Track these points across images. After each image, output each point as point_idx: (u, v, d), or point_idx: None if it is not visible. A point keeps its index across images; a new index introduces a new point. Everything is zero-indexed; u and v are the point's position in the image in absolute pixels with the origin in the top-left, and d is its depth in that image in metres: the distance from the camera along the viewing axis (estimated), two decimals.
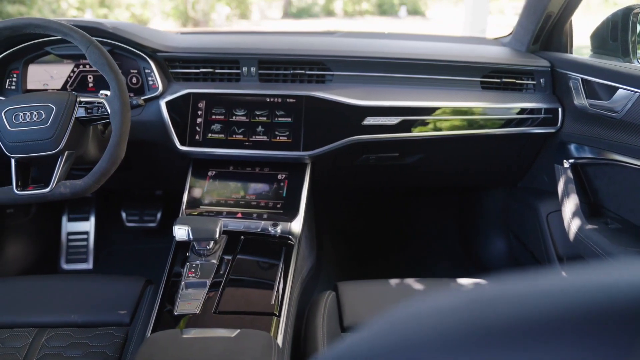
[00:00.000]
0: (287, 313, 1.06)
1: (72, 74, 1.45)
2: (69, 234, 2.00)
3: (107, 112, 1.13)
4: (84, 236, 2.00)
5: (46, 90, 1.44)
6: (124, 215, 2.01)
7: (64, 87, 1.45)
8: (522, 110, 1.42)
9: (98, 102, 1.15)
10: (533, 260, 1.58)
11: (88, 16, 9.14)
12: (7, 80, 1.43)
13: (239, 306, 1.05)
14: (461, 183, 1.89)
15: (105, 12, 9.61)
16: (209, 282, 1.11)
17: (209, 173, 1.42)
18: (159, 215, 2.02)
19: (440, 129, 1.40)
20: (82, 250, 1.99)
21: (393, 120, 1.36)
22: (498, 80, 1.44)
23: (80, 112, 1.14)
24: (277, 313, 1.04)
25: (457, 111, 1.39)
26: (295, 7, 14.75)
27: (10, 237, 1.83)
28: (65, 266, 1.98)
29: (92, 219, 2.02)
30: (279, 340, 0.99)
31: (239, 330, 0.91)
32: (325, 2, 14.79)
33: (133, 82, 1.41)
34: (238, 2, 13.56)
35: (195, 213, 1.36)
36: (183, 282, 1.11)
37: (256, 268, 1.20)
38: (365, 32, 1.78)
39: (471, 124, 1.41)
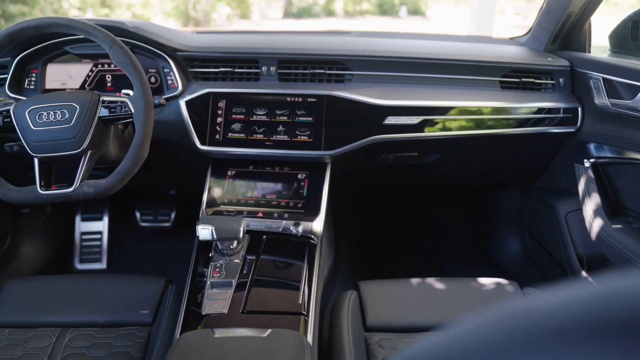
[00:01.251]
0: (315, 313, 1.06)
1: (90, 74, 1.44)
2: (83, 233, 2.00)
3: (130, 111, 1.13)
4: (98, 236, 2.00)
5: (64, 89, 1.44)
6: (138, 215, 2.00)
7: (82, 87, 1.45)
8: (540, 110, 1.42)
9: (121, 102, 1.14)
10: (550, 259, 1.58)
11: (89, 16, 9.13)
12: (26, 79, 1.42)
13: (266, 306, 1.05)
14: (478, 182, 1.89)
15: (106, 12, 9.59)
16: (234, 281, 1.10)
17: (229, 173, 1.41)
18: (173, 215, 2.01)
19: (459, 129, 1.40)
20: (96, 250, 1.99)
21: (414, 120, 1.36)
22: (517, 80, 1.44)
23: (103, 112, 1.14)
24: (304, 313, 1.04)
25: (476, 111, 1.39)
26: (296, 7, 14.74)
27: (26, 237, 1.82)
28: (79, 266, 1.98)
29: (106, 219, 2.02)
30: (309, 340, 0.99)
31: (270, 330, 0.91)
32: (325, 2, 14.78)
33: (152, 81, 1.41)
34: (238, 2, 13.55)
35: (215, 213, 1.36)
36: (208, 282, 1.11)
37: (280, 268, 1.20)
38: (381, 32, 1.78)
39: (490, 124, 1.41)
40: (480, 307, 1.13)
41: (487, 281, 1.25)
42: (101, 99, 1.14)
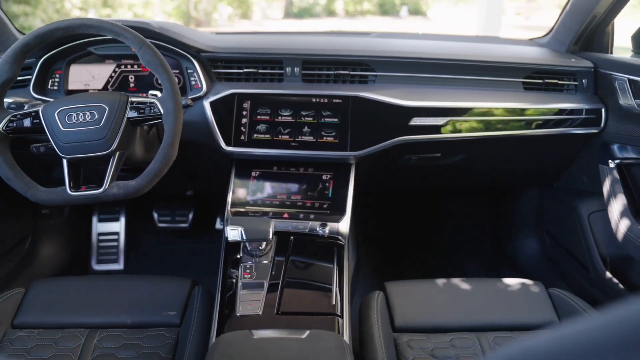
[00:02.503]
0: (348, 314, 1.07)
1: (113, 74, 1.44)
2: (100, 234, 1.99)
3: (159, 112, 1.12)
4: (115, 237, 1.99)
5: (87, 90, 1.43)
6: (155, 215, 2.00)
7: (104, 88, 1.45)
8: (562, 111, 1.42)
9: (150, 103, 1.14)
10: (572, 259, 1.58)
11: (92, 16, 9.11)
12: (50, 80, 1.42)
13: (299, 307, 1.05)
14: (498, 183, 1.89)
15: (108, 12, 9.58)
16: (266, 283, 1.10)
17: (253, 173, 1.41)
18: (190, 215, 2.01)
19: (483, 130, 1.40)
20: (113, 251, 1.98)
21: (440, 121, 1.36)
22: (540, 81, 1.44)
23: (132, 113, 1.13)
24: (339, 314, 1.04)
25: (500, 112, 1.40)
26: (297, 7, 14.72)
27: (45, 238, 1.82)
28: (96, 267, 1.97)
29: (123, 220, 2.01)
30: (345, 340, 0.99)
31: (308, 331, 0.91)
32: (326, 2, 14.77)
33: None
34: (239, 2, 13.53)
35: (240, 214, 1.35)
36: (240, 283, 1.10)
37: (311, 269, 1.20)
38: (400, 33, 1.78)
39: (513, 125, 1.41)
40: (507, 307, 1.12)
41: (512, 282, 1.26)
42: (129, 99, 1.14)
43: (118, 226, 2.01)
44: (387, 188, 1.93)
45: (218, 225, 1.98)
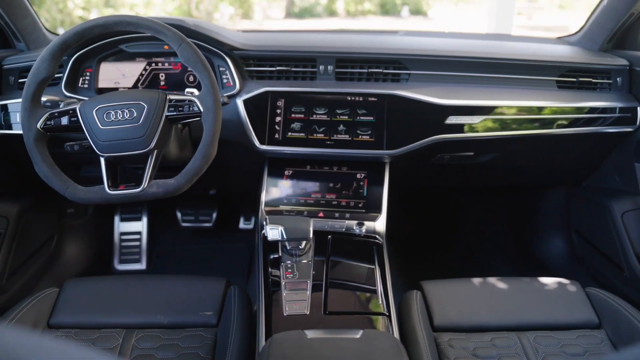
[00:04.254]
0: (396, 313, 1.06)
1: (144, 72, 1.43)
2: (122, 234, 1.98)
3: (198, 110, 1.10)
4: (137, 236, 1.98)
5: (117, 89, 1.42)
6: (179, 215, 1.98)
7: (135, 86, 1.44)
8: (594, 110, 1.41)
9: (189, 100, 1.12)
10: (604, 258, 1.57)
11: (94, 16, 9.09)
12: (81, 78, 1.41)
13: (346, 306, 1.04)
14: (525, 182, 1.88)
15: (110, 12, 9.56)
16: (309, 282, 1.09)
17: (286, 172, 1.40)
18: (214, 215, 1.99)
19: (517, 128, 1.39)
20: (135, 251, 1.97)
21: (476, 120, 1.35)
22: (574, 80, 1.43)
23: (170, 111, 1.12)
24: (387, 313, 1.03)
25: (534, 110, 1.39)
26: (298, 6, 14.71)
27: (70, 238, 1.81)
28: (119, 267, 1.96)
29: (145, 219, 2.00)
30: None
31: (362, 331, 0.90)
32: (327, 1, 14.75)
33: None
34: (241, 2, 13.51)
35: (274, 213, 1.34)
36: (283, 283, 1.09)
37: (352, 268, 1.19)
38: (426, 31, 1.77)
39: (547, 123, 1.40)
40: (545, 307, 1.11)
41: (548, 281, 1.25)
42: (167, 97, 1.12)
43: (140, 226, 1.99)
44: (412, 187, 1.92)
45: (242, 225, 1.97)
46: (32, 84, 1.08)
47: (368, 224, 1.30)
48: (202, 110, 1.10)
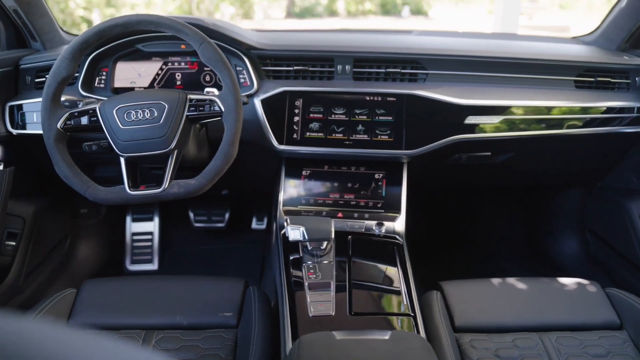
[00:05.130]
0: (421, 314, 1.05)
1: (160, 72, 1.42)
2: (134, 234, 1.97)
3: (219, 109, 1.10)
4: (149, 237, 1.97)
5: (133, 88, 1.41)
6: (191, 215, 1.97)
7: (151, 85, 1.43)
8: (612, 109, 1.41)
9: (210, 100, 1.11)
10: (621, 259, 1.57)
11: (95, 16, 9.08)
12: (97, 78, 1.40)
13: (371, 307, 1.04)
14: (540, 182, 1.88)
15: (112, 12, 9.53)
16: (333, 283, 1.09)
17: (304, 172, 1.40)
18: (227, 215, 1.98)
19: (535, 128, 1.38)
20: (147, 251, 1.96)
21: (495, 120, 1.34)
22: (592, 79, 1.43)
23: (191, 111, 1.11)
24: (412, 314, 1.02)
25: (552, 110, 1.38)
26: (298, 6, 14.70)
27: (83, 238, 1.80)
28: (131, 267, 1.95)
29: (156, 220, 1.99)
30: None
31: (390, 332, 0.89)
32: (328, 1, 14.75)
33: None
34: (241, 2, 13.50)
35: (292, 213, 1.34)
36: (306, 284, 1.09)
37: (374, 269, 1.18)
38: (439, 31, 1.76)
39: (565, 123, 1.40)
40: (566, 307, 1.10)
41: (568, 281, 1.24)
42: (188, 97, 1.12)
43: (152, 226, 1.98)
44: (428, 187, 1.92)
45: (254, 225, 1.96)
46: (53, 83, 1.07)
47: (387, 224, 1.29)
48: (223, 109, 1.09)
